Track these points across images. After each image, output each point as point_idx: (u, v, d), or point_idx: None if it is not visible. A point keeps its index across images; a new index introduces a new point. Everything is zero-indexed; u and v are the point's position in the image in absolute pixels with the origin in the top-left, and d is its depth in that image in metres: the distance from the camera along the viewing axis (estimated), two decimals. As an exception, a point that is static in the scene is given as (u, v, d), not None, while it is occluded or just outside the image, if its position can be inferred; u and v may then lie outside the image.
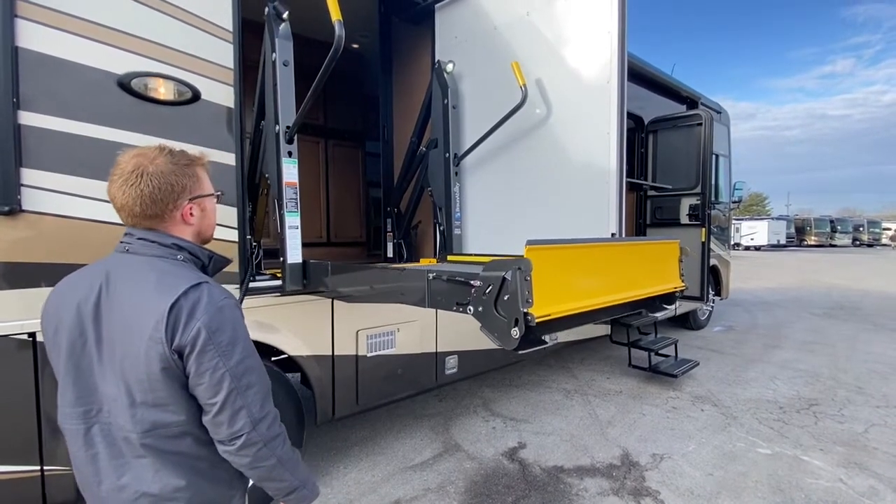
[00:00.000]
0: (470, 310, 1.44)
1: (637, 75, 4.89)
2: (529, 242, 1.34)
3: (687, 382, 4.43)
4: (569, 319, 1.47)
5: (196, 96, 2.01)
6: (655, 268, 1.88)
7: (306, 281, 2.27)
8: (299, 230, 2.22)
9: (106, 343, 0.98)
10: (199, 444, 0.99)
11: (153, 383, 0.94)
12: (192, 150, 1.87)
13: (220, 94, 2.09)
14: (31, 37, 1.65)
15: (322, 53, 1.89)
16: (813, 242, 37.30)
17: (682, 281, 1.95)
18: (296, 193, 2.21)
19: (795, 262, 20.54)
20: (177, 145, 1.98)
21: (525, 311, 1.27)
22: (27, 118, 1.65)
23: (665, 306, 2.01)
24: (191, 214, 1.09)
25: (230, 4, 2.10)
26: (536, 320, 1.28)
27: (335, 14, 1.77)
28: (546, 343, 1.41)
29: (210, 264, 1.14)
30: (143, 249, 1.04)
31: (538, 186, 2.55)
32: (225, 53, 2.09)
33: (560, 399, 3.99)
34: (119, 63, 1.83)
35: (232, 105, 2.13)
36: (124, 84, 1.83)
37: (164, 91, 1.93)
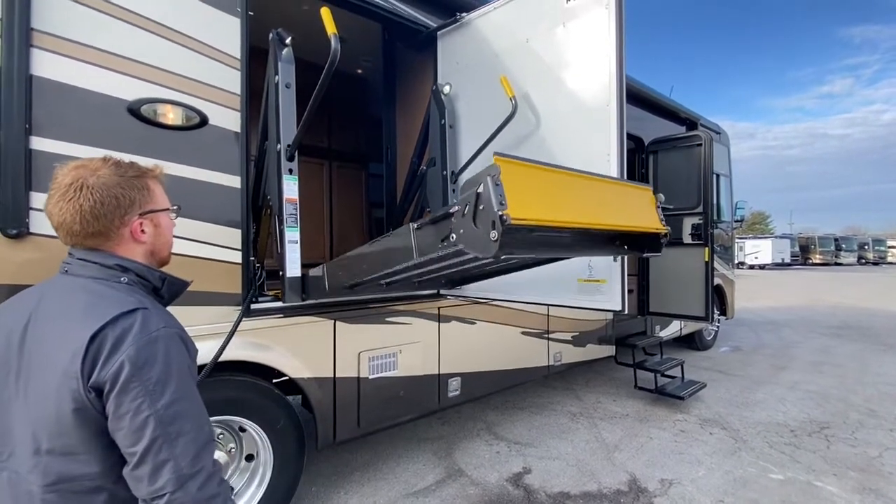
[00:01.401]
0: (453, 237, 1.45)
1: (636, 97, 4.97)
2: (497, 154, 1.38)
3: (694, 405, 4.35)
4: (546, 230, 1.45)
5: (204, 121, 2.05)
6: (633, 207, 1.85)
7: (305, 294, 2.26)
8: (298, 245, 2.23)
9: (23, 377, 0.85)
10: (115, 503, 0.84)
11: (63, 427, 0.80)
12: (188, 171, 1.88)
13: (227, 118, 2.13)
14: (46, 65, 1.70)
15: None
16: (818, 261, 37.11)
17: (664, 225, 1.90)
18: (295, 209, 2.23)
19: (801, 281, 20.38)
20: (184, 169, 2.04)
21: (500, 213, 1.29)
22: (39, 143, 1.68)
23: (652, 253, 1.94)
24: (142, 231, 0.97)
25: (238, 33, 2.17)
26: (512, 220, 1.29)
27: (331, 28, 1.82)
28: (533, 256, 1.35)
29: (163, 287, 1.02)
30: (81, 271, 0.93)
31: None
32: (232, 80, 2.15)
33: (565, 422, 3.92)
34: (130, 90, 1.87)
35: (238, 129, 2.17)
36: (134, 110, 1.88)
37: (172, 116, 1.97)
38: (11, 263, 1.63)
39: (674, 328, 5.81)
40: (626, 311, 2.23)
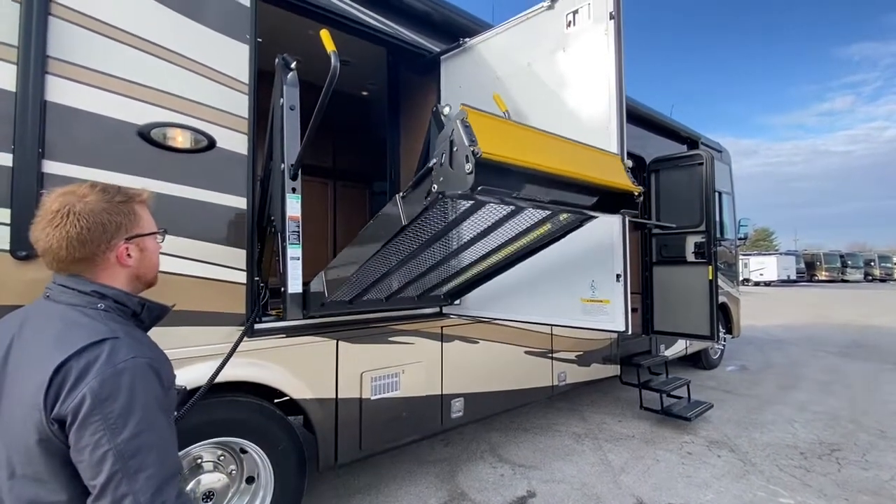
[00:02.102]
0: (434, 188, 1.51)
1: (637, 117, 5.03)
2: (464, 104, 1.48)
3: (701, 426, 4.28)
4: (518, 169, 1.53)
5: (212, 144, 2.10)
6: (604, 168, 1.90)
7: (305, 310, 2.29)
8: (300, 261, 2.27)
9: (5, 402, 0.87)
10: None
11: (30, 455, 0.81)
12: (195, 192, 1.92)
13: (235, 141, 2.18)
14: (59, 91, 1.75)
15: (334, 100, 1.99)
16: (824, 278, 36.81)
17: (636, 185, 1.96)
18: (298, 227, 2.27)
19: (807, 298, 20.20)
20: (192, 191, 2.07)
21: (472, 148, 1.36)
22: (51, 167, 1.72)
23: (629, 210, 1.99)
24: (128, 255, 0.98)
25: (247, 58, 2.23)
26: (483, 153, 1.36)
27: (330, 47, 1.88)
28: (511, 193, 1.47)
29: (143, 312, 1.01)
30: (60, 297, 0.93)
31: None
32: (241, 103, 2.20)
33: (570, 444, 3.86)
34: (140, 114, 1.92)
35: (245, 151, 2.21)
36: (144, 134, 1.92)
37: (181, 140, 2.01)
38: (20, 283, 1.65)
39: (679, 347, 5.76)
40: (630, 332, 2.22)
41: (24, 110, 1.66)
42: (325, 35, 1.93)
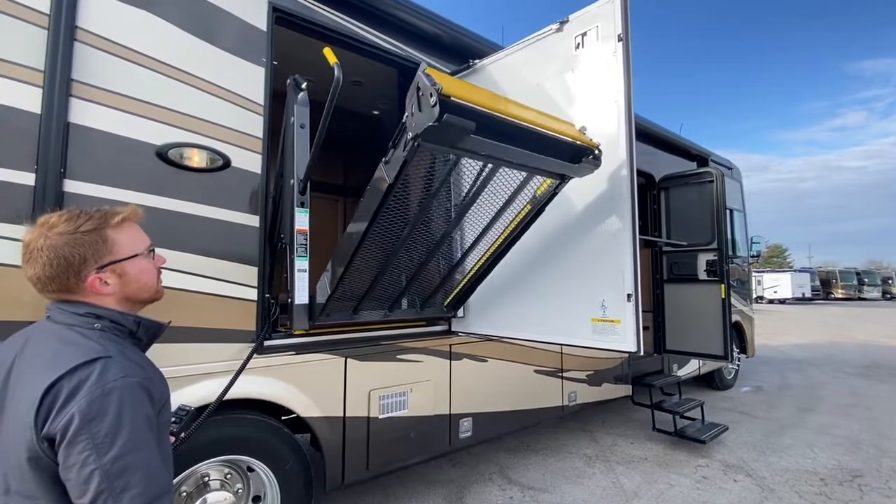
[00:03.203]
0: (409, 135, 1.65)
1: (646, 135, 5.04)
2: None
3: (717, 449, 4.16)
4: (479, 111, 1.66)
5: (227, 163, 2.14)
6: (561, 128, 2.04)
7: (311, 321, 2.31)
8: (307, 273, 2.32)
9: (4, 418, 0.88)
10: None
11: (23, 473, 0.83)
12: (209, 210, 1.96)
13: (249, 161, 2.22)
14: (82, 113, 1.81)
15: (345, 119, 2.03)
16: (840, 295, 36.06)
17: (593, 142, 2.13)
18: (305, 240, 2.33)
19: (824, 317, 19.76)
20: (206, 209, 2.11)
21: (435, 87, 1.50)
22: (72, 186, 1.77)
23: (588, 160, 2.11)
24: (104, 283, 0.96)
25: (262, 80, 2.29)
26: (443, 89, 1.51)
27: (332, 60, 1.98)
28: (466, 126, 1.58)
29: (139, 330, 1.01)
30: (59, 317, 0.95)
31: (549, 250, 2.56)
32: (255, 124, 2.26)
33: (581, 466, 3.78)
34: (159, 135, 1.98)
35: (259, 171, 2.26)
36: (162, 154, 1.97)
37: (197, 159, 2.06)
38: (37, 298, 1.67)
39: (692, 367, 5.65)
40: (642, 353, 2.18)
41: (47, 131, 1.72)
42: (327, 52, 2.01)
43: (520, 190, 2.24)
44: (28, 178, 1.69)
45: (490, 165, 2.05)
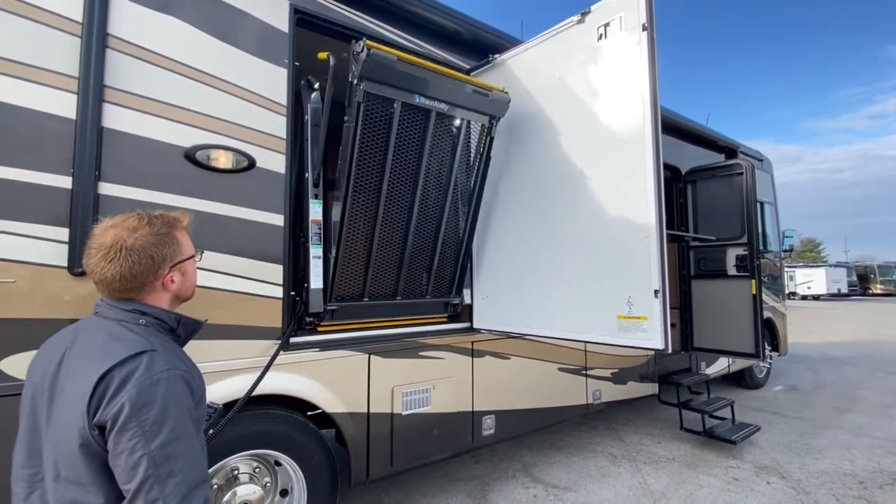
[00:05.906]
0: (354, 81, 2.15)
1: (672, 127, 4.91)
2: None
3: (748, 449, 4.04)
4: (401, 64, 2.23)
5: (252, 164, 2.18)
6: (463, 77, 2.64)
7: (326, 303, 2.45)
8: (321, 259, 2.48)
9: (55, 408, 0.93)
10: None
11: (73, 459, 0.87)
12: (236, 210, 2.01)
13: (273, 161, 2.26)
14: (115, 118, 1.87)
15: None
16: (879, 291, 34.40)
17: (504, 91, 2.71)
18: (319, 229, 2.50)
19: (862, 313, 18.92)
20: (233, 209, 2.15)
21: (362, 44, 2.09)
22: (106, 188, 1.83)
23: (497, 93, 2.67)
24: (171, 281, 1.05)
25: (285, 81, 2.32)
26: (367, 44, 2.10)
27: (323, 56, 2.28)
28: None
29: (179, 327, 1.07)
30: (108, 313, 1.01)
31: (573, 245, 2.52)
32: (279, 124, 2.29)
33: (606, 465, 3.72)
34: (187, 137, 2.03)
35: (283, 170, 2.29)
36: (190, 155, 2.02)
37: (224, 161, 2.11)
38: (77, 297, 1.75)
39: (721, 365, 5.49)
40: (670, 350, 2.13)
41: (83, 136, 1.78)
42: (322, 55, 2.30)
43: (458, 136, 2.66)
44: (66, 182, 1.76)
45: (425, 114, 2.45)
